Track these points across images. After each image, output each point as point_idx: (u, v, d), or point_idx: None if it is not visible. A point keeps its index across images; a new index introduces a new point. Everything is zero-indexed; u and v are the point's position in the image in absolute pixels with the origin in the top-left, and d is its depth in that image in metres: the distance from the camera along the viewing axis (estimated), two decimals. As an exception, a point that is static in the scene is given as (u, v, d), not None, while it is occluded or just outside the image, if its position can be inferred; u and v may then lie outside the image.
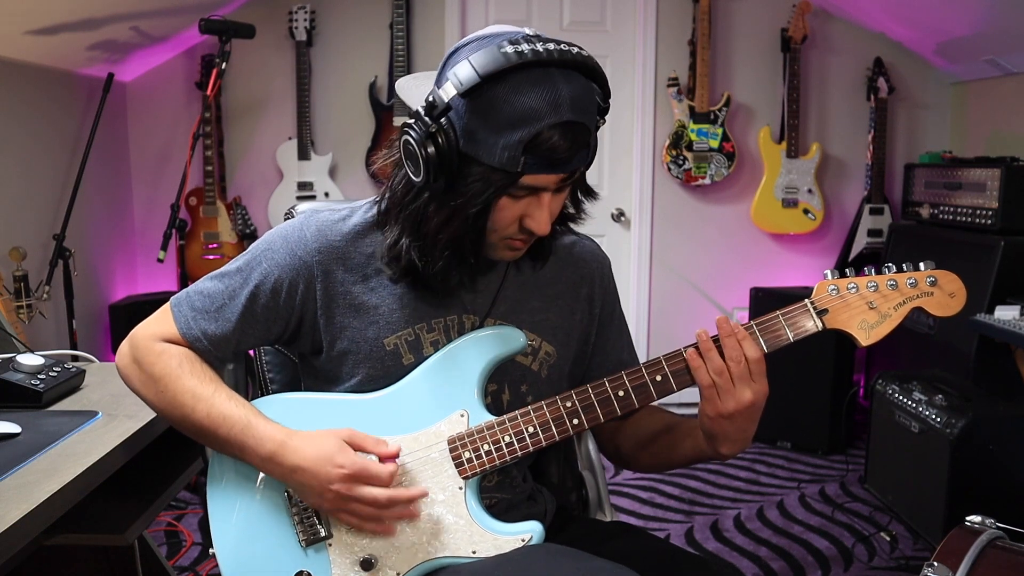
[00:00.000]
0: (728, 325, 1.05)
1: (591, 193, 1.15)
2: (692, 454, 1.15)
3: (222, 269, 1.16)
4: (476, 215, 1.03)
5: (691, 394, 1.07)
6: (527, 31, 1.01)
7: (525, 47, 0.96)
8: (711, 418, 1.06)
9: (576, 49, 0.99)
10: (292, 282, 1.13)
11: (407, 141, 1.02)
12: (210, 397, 1.09)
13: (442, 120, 0.99)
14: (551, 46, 0.97)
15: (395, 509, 1.06)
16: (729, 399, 1.04)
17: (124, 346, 1.17)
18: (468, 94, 0.97)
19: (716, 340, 1.06)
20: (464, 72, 0.96)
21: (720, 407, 1.04)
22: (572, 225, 1.19)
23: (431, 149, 0.99)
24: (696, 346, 1.07)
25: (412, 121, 1.02)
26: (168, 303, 1.16)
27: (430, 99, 1.00)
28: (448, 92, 0.98)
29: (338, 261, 1.14)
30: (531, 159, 0.98)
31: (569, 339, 1.25)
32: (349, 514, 1.07)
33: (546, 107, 0.96)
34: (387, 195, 1.14)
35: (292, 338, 1.18)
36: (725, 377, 1.04)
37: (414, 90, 1.15)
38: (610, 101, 1.06)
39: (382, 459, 1.07)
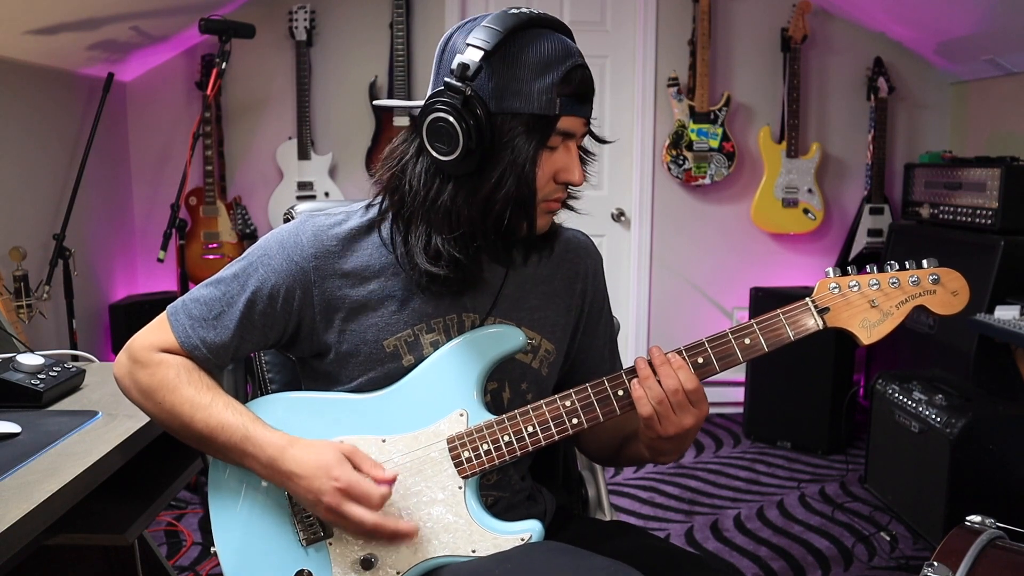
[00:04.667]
0: (661, 355, 1.07)
1: (600, 140, 1.15)
2: (643, 460, 1.21)
3: (217, 276, 1.16)
4: (528, 171, 1.04)
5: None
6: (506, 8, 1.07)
7: (524, 10, 1.05)
8: (651, 438, 1.08)
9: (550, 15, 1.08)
10: (289, 288, 1.13)
11: (436, 118, 1.02)
12: (208, 406, 1.09)
13: (474, 82, 1.01)
14: (535, 11, 1.06)
15: (377, 537, 1.06)
16: (669, 425, 1.06)
17: (122, 356, 1.16)
18: (492, 54, 1.00)
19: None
20: (485, 34, 1.00)
21: (661, 431, 1.06)
22: (571, 211, 1.18)
23: (468, 118, 1.00)
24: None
25: (437, 97, 1.02)
26: (164, 312, 1.16)
27: (460, 62, 1.00)
28: (473, 56, 1.00)
29: (334, 265, 1.14)
30: (566, 100, 1.03)
31: (565, 335, 1.25)
32: (339, 528, 1.08)
33: (563, 52, 1.04)
34: (403, 197, 1.11)
35: (290, 342, 1.18)
36: (665, 405, 1.05)
37: (393, 103, 1.18)
38: None
39: (377, 482, 1.06)
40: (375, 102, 1.28)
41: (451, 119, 1.01)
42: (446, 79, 1.01)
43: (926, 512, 2.51)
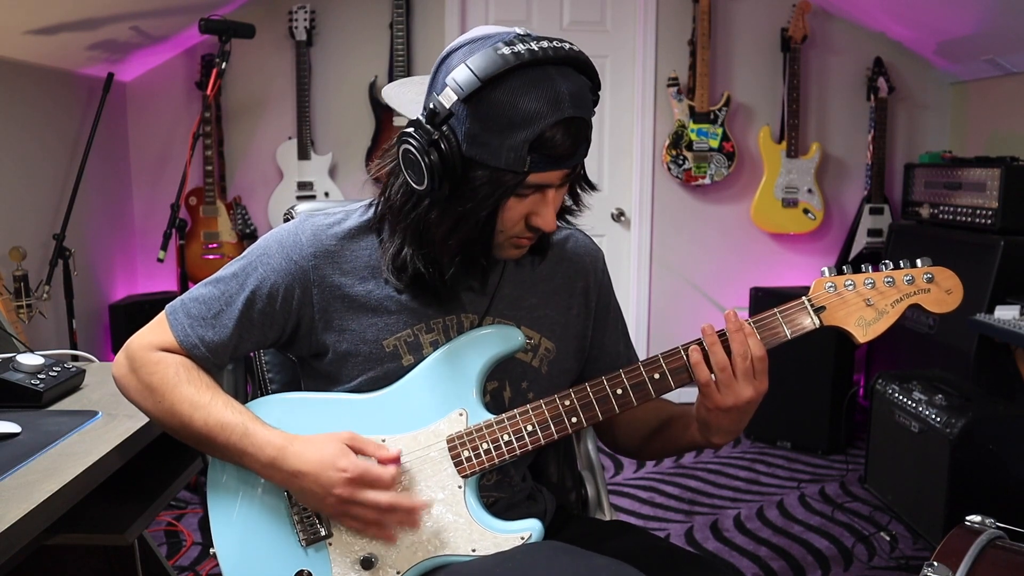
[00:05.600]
0: (736, 320, 1.06)
1: (591, 186, 1.14)
2: (689, 444, 1.18)
3: (217, 274, 1.16)
4: (486, 218, 1.03)
5: (689, 393, 1.07)
6: (518, 30, 1.01)
7: (521, 47, 0.96)
8: (708, 410, 1.08)
9: (568, 45, 1.00)
10: (288, 287, 1.13)
11: (407, 150, 1.01)
12: (207, 405, 1.09)
13: (443, 127, 0.98)
14: (544, 44, 0.97)
15: (396, 514, 1.06)
16: (729, 394, 1.05)
17: (120, 356, 1.16)
18: (469, 99, 0.96)
19: (721, 335, 1.06)
20: (463, 77, 0.96)
21: (719, 401, 1.06)
22: (570, 218, 1.18)
23: (434, 156, 0.98)
24: (699, 342, 1.07)
25: (411, 130, 1.01)
26: (163, 311, 1.16)
27: (431, 106, 0.98)
28: (449, 98, 0.97)
29: (334, 265, 1.14)
30: (536, 158, 0.99)
31: (567, 334, 1.25)
32: (351, 518, 1.07)
33: (548, 106, 0.96)
34: (383, 202, 1.13)
35: (289, 342, 1.18)
36: (727, 373, 1.05)
37: (402, 96, 1.16)
38: (599, 93, 1.05)
39: (382, 462, 1.07)
40: (389, 84, 1.27)
41: (419, 156, 0.99)
42: (421, 116, 1.00)
43: (926, 512, 2.51)
